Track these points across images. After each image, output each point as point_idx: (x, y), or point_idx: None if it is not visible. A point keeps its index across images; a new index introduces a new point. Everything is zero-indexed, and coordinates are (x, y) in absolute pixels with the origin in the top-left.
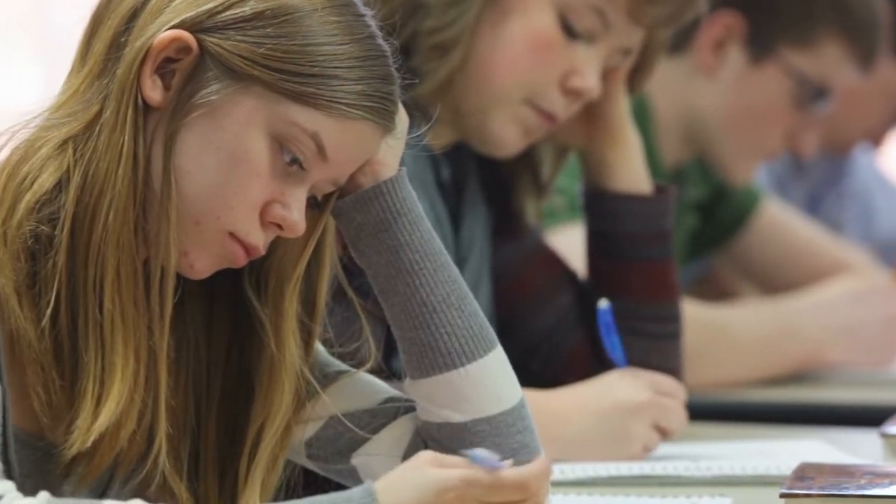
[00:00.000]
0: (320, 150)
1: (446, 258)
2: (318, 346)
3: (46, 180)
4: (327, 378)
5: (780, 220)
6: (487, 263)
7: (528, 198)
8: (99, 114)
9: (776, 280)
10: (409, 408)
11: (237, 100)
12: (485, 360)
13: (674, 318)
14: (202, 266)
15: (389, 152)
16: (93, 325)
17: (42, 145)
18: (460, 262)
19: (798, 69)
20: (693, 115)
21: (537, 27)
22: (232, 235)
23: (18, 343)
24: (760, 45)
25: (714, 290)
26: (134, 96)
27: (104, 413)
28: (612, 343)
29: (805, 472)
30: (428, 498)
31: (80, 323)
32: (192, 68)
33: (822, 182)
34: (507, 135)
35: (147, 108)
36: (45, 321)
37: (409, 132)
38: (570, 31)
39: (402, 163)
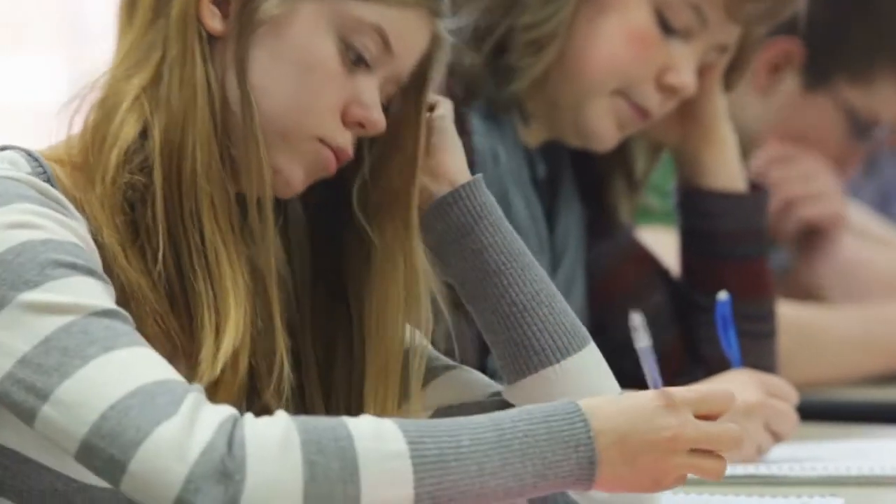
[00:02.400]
0: (385, 42)
1: (531, 258)
2: (424, 341)
3: (129, 133)
4: (435, 370)
5: (851, 218)
6: (582, 261)
7: (622, 195)
8: (163, 57)
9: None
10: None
11: (297, 8)
12: (580, 356)
13: (769, 317)
14: (297, 180)
15: (458, 157)
16: (197, 256)
17: (117, 102)
18: (555, 260)
19: (850, 103)
20: (736, 127)
21: (634, 23)
22: (320, 141)
23: (134, 298)
24: (816, 74)
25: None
26: (197, 30)
27: (227, 339)
28: (728, 338)
29: None
30: (634, 414)
31: (184, 260)
32: None
33: (892, 180)
34: (601, 126)
35: (211, 38)
36: (158, 268)
37: (503, 128)
38: (666, 28)
39: (498, 160)
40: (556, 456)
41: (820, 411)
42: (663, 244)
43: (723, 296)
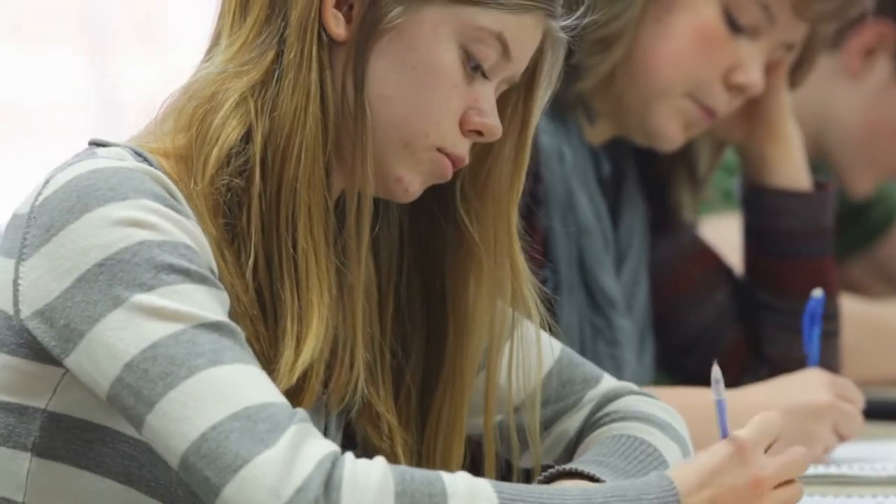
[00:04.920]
0: (505, 49)
1: None
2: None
3: (231, 135)
4: None
5: None
6: (645, 259)
7: (685, 192)
8: (276, 58)
9: None
10: None
11: (421, 17)
12: None
13: (833, 316)
14: (416, 187)
15: None
16: (287, 265)
17: (223, 100)
18: (620, 258)
19: None
20: (826, 116)
21: (701, 21)
22: (440, 150)
23: (229, 298)
24: None
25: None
26: (318, 34)
27: (306, 350)
28: (811, 335)
29: None
30: (716, 472)
31: (274, 267)
32: None
33: None
34: (668, 127)
35: (331, 44)
36: (248, 272)
37: (569, 126)
38: (733, 26)
39: (563, 159)
40: None
41: (883, 411)
42: (726, 227)
43: (817, 293)
